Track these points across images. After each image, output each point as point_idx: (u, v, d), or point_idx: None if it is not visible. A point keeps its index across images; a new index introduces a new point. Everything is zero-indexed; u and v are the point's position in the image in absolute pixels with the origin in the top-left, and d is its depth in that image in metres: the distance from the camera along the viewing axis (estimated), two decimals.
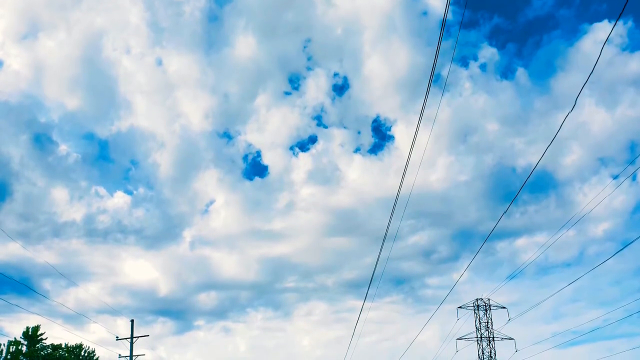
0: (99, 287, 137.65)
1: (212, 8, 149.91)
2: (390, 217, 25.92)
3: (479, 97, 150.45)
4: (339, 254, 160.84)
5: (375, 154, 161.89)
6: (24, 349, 58.56)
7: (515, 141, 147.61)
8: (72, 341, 69.11)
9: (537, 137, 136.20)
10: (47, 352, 60.08)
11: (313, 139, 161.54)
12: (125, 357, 50.90)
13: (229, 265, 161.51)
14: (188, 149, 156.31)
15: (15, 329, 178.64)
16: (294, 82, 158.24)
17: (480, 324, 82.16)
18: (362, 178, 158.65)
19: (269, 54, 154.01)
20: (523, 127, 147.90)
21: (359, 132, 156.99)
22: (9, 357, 56.56)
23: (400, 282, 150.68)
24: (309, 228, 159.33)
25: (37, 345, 59.33)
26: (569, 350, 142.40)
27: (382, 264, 32.12)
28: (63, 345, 63.81)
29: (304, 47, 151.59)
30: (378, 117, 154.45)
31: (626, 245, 37.12)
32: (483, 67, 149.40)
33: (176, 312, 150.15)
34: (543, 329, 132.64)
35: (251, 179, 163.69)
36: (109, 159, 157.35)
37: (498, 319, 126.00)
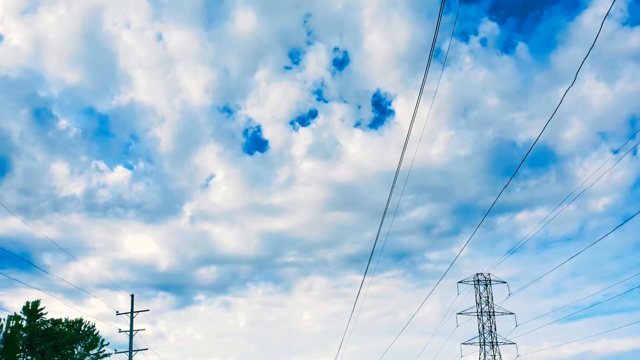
0: (99, 261, 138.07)
1: None
2: (391, 192, 25.52)
3: (479, 72, 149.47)
4: (339, 229, 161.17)
5: (376, 129, 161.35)
6: (24, 323, 58.47)
7: (516, 116, 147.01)
8: (72, 316, 69.14)
9: (537, 112, 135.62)
10: (47, 327, 60.02)
11: (313, 114, 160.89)
12: (126, 331, 50.78)
13: (229, 239, 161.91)
14: (188, 123, 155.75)
15: (15, 303, 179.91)
16: (294, 57, 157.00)
17: (480, 298, 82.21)
18: (363, 153, 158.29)
19: (269, 29, 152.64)
20: (523, 102, 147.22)
21: (359, 107, 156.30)
22: (8, 331, 56.49)
23: (400, 256, 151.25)
24: (309, 203, 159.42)
25: (37, 320, 59.23)
26: (569, 324, 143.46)
27: (383, 239, 31.72)
28: (63, 320, 63.74)
29: (304, 21, 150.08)
30: (378, 91, 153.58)
31: (626, 219, 36.81)
32: (483, 41, 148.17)
33: (176, 286, 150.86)
34: (543, 304, 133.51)
35: (251, 154, 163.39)
36: (109, 133, 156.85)
37: (498, 293, 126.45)
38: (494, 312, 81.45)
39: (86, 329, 66.45)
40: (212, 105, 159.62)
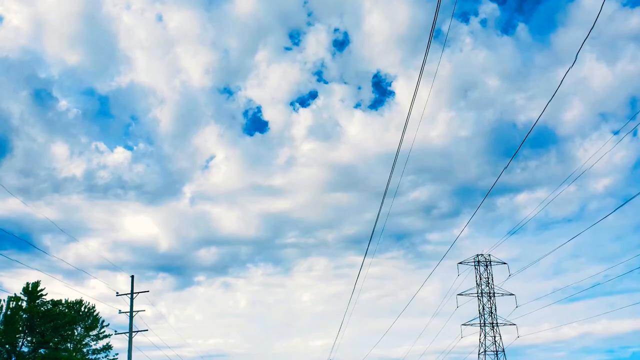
0: (99, 242, 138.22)
1: None
2: (391, 173, 25.30)
3: (479, 53, 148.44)
4: (339, 210, 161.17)
5: (376, 110, 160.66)
6: (24, 304, 58.37)
7: (516, 97, 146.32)
8: (72, 297, 69.16)
9: (537, 93, 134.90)
10: (47, 308, 59.89)
11: (313, 95, 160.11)
12: (126, 312, 50.73)
13: (229, 220, 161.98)
14: (188, 104, 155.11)
15: (15, 284, 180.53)
16: (294, 38, 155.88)
17: (480, 279, 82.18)
18: (363, 133, 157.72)
19: (269, 10, 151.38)
20: (524, 83, 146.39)
21: (359, 88, 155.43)
22: (8, 312, 56.42)
23: (400, 237, 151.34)
24: (309, 183, 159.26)
25: (37, 301, 59.11)
26: (570, 305, 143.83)
27: (383, 220, 31.50)
28: (63, 301, 63.69)
29: (305, 2, 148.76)
30: (378, 72, 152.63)
31: (627, 200, 36.46)
32: (483, 22, 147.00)
33: (176, 267, 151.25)
34: (543, 285, 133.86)
35: (251, 135, 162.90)
36: (109, 114, 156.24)
37: (498, 274, 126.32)
38: (494, 293, 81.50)
39: (86, 310, 66.50)
40: (212, 86, 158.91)
